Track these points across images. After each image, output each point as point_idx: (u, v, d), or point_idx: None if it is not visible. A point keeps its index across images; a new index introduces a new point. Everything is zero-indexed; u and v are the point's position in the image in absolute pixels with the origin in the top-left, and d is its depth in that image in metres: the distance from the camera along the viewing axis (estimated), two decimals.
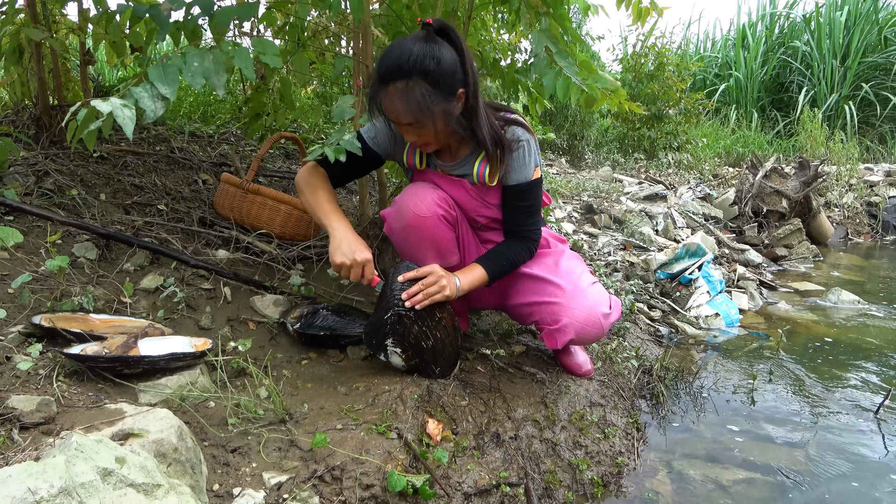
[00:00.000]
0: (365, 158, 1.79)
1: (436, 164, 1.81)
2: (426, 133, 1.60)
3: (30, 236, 1.98)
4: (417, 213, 1.68)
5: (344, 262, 1.61)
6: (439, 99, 1.52)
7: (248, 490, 1.27)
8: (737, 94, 10.77)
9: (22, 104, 2.86)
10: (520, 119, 1.74)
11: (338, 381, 1.75)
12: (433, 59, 1.49)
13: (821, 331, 3.03)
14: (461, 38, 1.57)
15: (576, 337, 1.78)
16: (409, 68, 1.49)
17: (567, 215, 4.50)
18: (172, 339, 1.66)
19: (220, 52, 1.54)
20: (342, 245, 1.62)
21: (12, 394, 1.32)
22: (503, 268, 1.77)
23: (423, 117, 1.53)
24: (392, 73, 1.51)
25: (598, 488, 1.67)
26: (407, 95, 1.51)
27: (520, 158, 1.70)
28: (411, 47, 1.50)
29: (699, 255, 3.34)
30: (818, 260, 4.69)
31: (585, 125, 7.79)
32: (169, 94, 1.47)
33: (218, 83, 1.54)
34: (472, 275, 1.73)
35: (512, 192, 1.75)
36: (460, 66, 1.55)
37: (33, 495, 0.87)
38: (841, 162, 6.91)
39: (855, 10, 9.92)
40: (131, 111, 1.38)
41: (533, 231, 1.80)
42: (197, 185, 2.79)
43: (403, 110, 1.53)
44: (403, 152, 1.82)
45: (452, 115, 1.58)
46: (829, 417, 2.14)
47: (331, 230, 1.66)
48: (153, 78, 1.47)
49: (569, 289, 1.78)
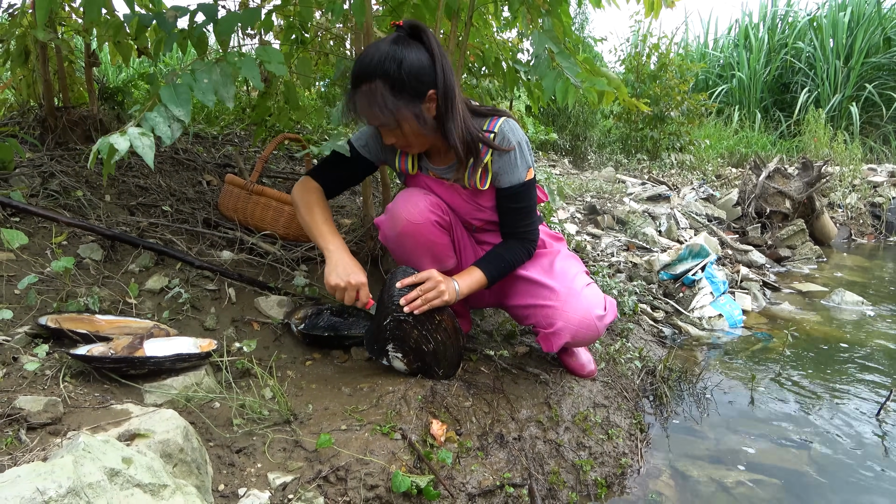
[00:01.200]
0: (356, 166, 1.80)
1: (427, 168, 1.80)
2: (402, 135, 1.60)
3: (35, 237, 1.99)
4: (410, 220, 1.68)
5: (338, 284, 1.62)
6: (403, 101, 1.52)
7: (253, 490, 1.27)
8: (739, 94, 10.76)
9: (27, 105, 2.87)
10: (510, 121, 1.71)
11: (342, 382, 1.75)
12: (394, 62, 1.50)
13: (824, 332, 3.03)
14: (433, 39, 1.56)
15: (571, 340, 1.77)
16: (371, 71, 1.51)
17: (570, 216, 4.50)
18: (178, 340, 1.66)
19: (227, 65, 1.56)
20: (337, 267, 1.63)
21: (19, 394, 1.33)
22: (502, 269, 1.77)
23: (387, 119, 1.54)
24: (359, 77, 1.53)
25: (601, 489, 1.67)
26: (370, 98, 1.52)
27: (511, 161, 1.68)
28: (377, 51, 1.52)
29: (702, 255, 3.34)
30: (821, 261, 4.69)
31: (588, 126, 7.78)
32: (183, 116, 1.50)
33: (227, 95, 1.56)
34: (470, 278, 1.72)
35: (505, 194, 1.74)
36: (430, 67, 1.54)
37: (42, 495, 0.87)
38: (844, 162, 6.90)
39: (858, 11, 9.90)
40: (150, 139, 1.42)
41: (530, 231, 1.80)
42: (201, 187, 2.79)
43: (368, 113, 1.56)
44: (395, 157, 1.82)
45: (422, 116, 1.56)
46: (833, 419, 2.14)
47: (326, 252, 1.67)
48: (166, 100, 1.49)
49: (563, 292, 1.77)
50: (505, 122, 1.69)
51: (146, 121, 1.46)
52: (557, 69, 1.94)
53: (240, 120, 3.96)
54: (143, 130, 1.42)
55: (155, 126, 1.45)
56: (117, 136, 1.39)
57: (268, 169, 3.30)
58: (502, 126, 1.68)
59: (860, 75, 9.68)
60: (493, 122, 1.69)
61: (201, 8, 1.71)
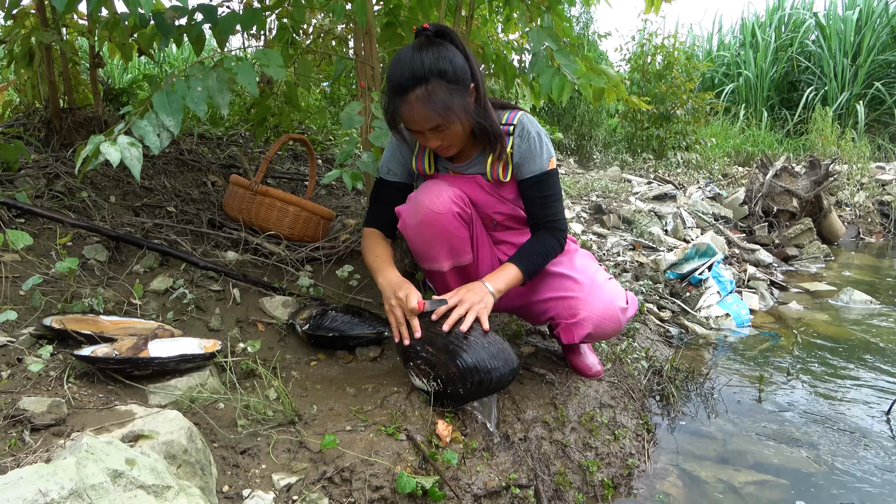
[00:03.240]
0: (394, 193, 1.82)
1: (446, 167, 1.80)
2: (451, 134, 1.60)
3: (40, 238, 2.00)
4: (433, 208, 1.67)
5: (387, 308, 1.64)
6: (457, 98, 1.54)
7: (257, 491, 1.27)
8: (746, 93, 10.71)
9: (33, 107, 2.88)
10: (528, 114, 1.75)
11: (347, 383, 1.74)
12: (447, 61, 1.52)
13: (832, 331, 3.00)
14: (458, 36, 1.59)
15: (593, 331, 1.75)
16: (425, 73, 1.51)
17: (576, 216, 4.48)
18: (182, 341, 1.66)
19: (223, 70, 1.55)
20: (385, 291, 1.66)
21: (24, 395, 1.33)
22: (536, 263, 1.73)
23: (450, 116, 1.54)
24: (408, 83, 1.52)
25: (608, 490, 1.66)
26: (429, 99, 1.52)
27: (534, 151, 1.70)
28: (420, 55, 1.52)
29: (709, 255, 3.32)
30: (829, 260, 4.65)
31: (593, 125, 7.76)
32: (173, 127, 1.52)
33: (223, 102, 1.57)
34: (505, 275, 1.68)
35: (528, 184, 1.73)
36: (466, 62, 1.57)
37: (44, 497, 0.87)
38: (852, 160, 6.85)
39: (867, 9, 9.84)
40: (138, 150, 1.44)
41: (558, 221, 1.78)
42: (206, 187, 2.80)
43: (427, 115, 1.53)
44: (412, 160, 1.82)
45: (469, 111, 1.59)
46: (842, 419, 2.12)
47: (379, 286, 1.70)
48: (158, 107, 1.50)
49: (586, 283, 1.77)
50: (523, 115, 1.73)
51: (136, 127, 1.47)
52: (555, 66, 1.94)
53: (244, 121, 3.96)
54: (132, 140, 1.44)
55: (144, 135, 1.47)
56: (107, 145, 1.40)
57: (272, 169, 3.30)
58: (521, 118, 1.72)
59: (868, 73, 9.62)
60: (512, 115, 1.73)
61: (199, 8, 1.71)
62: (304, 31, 3.27)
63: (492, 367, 1.52)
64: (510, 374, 1.57)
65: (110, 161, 1.39)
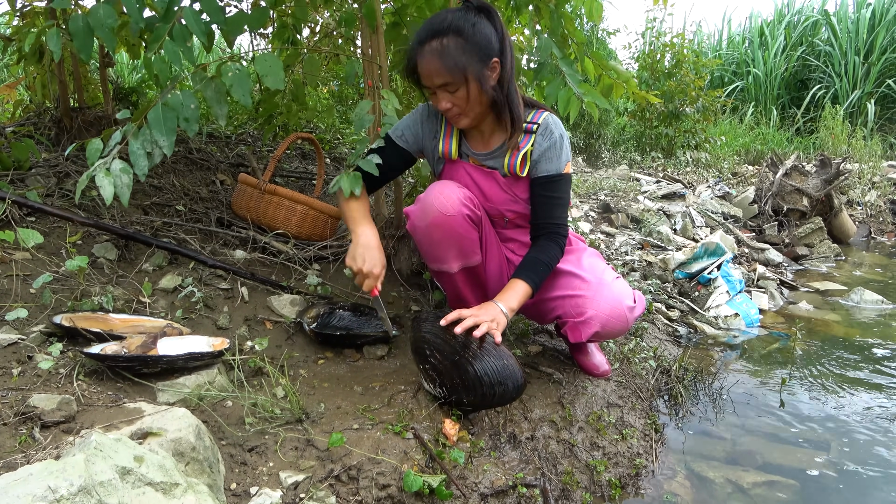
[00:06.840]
0: (394, 157, 1.81)
1: (468, 154, 1.79)
2: (461, 98, 1.60)
3: (51, 237, 2.01)
4: (443, 211, 1.67)
5: (351, 267, 1.65)
6: (473, 58, 1.56)
7: (265, 489, 1.27)
8: (755, 91, 10.63)
9: (43, 106, 2.90)
10: (553, 115, 1.76)
11: (354, 381, 1.75)
12: (468, 22, 1.55)
13: (843, 331, 2.98)
14: (500, 18, 1.61)
15: (601, 330, 1.74)
16: (444, 28, 1.55)
17: (584, 214, 4.47)
18: (190, 339, 1.67)
19: (220, 83, 1.56)
20: (357, 249, 1.65)
21: (34, 392, 1.34)
22: (541, 273, 1.71)
23: (457, 73, 1.56)
24: (427, 35, 1.57)
25: (615, 490, 1.66)
26: (441, 52, 1.55)
27: (554, 150, 1.71)
28: (448, 14, 1.58)
29: (718, 254, 3.30)
30: (840, 259, 4.62)
31: (602, 124, 7.73)
32: (166, 149, 1.54)
33: (220, 113, 1.59)
34: (515, 293, 1.65)
35: (541, 181, 1.73)
36: (497, 39, 1.59)
37: (53, 493, 0.87)
38: (863, 159, 6.79)
39: (881, 8, 9.75)
40: (129, 177, 1.48)
41: (561, 225, 1.77)
42: (214, 186, 2.81)
43: (438, 68, 1.56)
44: (438, 142, 1.81)
45: (485, 81, 1.59)
46: (852, 419, 2.10)
47: (354, 235, 1.69)
48: (152, 123, 1.53)
49: (594, 282, 1.76)
50: (549, 115, 1.74)
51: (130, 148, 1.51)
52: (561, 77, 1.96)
53: (253, 119, 3.97)
54: (124, 167, 1.48)
55: (134, 160, 1.50)
56: (102, 177, 1.44)
57: (281, 168, 3.31)
58: (546, 118, 1.72)
59: (880, 71, 9.53)
60: (538, 114, 1.73)
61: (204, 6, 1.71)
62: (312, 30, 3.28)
63: (495, 382, 1.53)
64: (515, 391, 1.57)
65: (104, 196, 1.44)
